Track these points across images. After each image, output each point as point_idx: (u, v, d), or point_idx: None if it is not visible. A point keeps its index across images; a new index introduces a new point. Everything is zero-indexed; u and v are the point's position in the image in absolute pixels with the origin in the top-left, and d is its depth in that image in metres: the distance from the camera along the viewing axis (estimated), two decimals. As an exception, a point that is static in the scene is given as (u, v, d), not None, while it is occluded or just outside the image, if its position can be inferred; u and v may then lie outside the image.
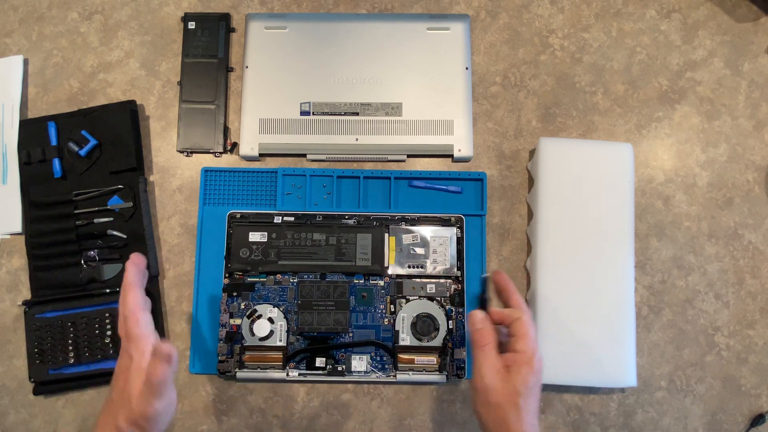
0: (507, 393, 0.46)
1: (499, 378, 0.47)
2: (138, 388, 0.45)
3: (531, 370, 0.47)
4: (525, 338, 0.48)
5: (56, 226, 0.66)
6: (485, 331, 0.49)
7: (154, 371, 0.45)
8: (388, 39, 0.70)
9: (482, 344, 0.48)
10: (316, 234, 0.66)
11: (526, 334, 0.48)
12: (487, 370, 0.47)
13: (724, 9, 0.72)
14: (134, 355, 0.46)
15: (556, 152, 0.65)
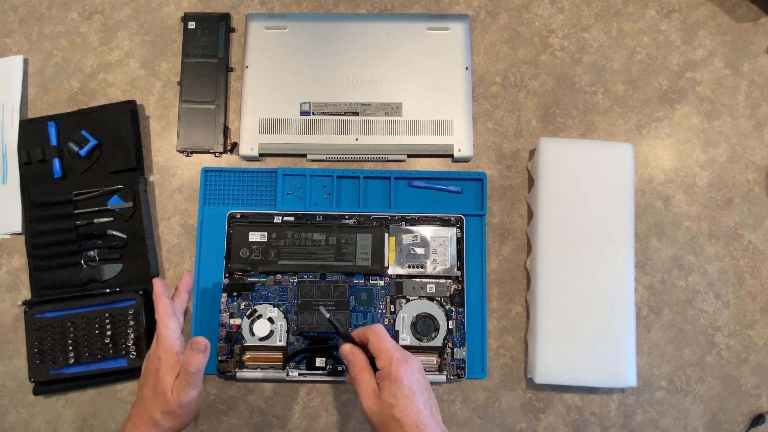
0: (382, 410, 0.47)
1: (375, 398, 0.48)
2: (170, 383, 0.51)
3: (394, 381, 0.48)
4: (381, 353, 0.49)
5: (56, 226, 0.66)
6: (355, 359, 0.51)
7: (190, 361, 0.50)
8: (388, 39, 0.70)
9: (356, 372, 0.50)
10: (316, 234, 0.66)
11: (380, 350, 0.50)
12: (363, 395, 0.49)
13: (724, 9, 0.72)
14: (163, 355, 0.52)
15: (556, 152, 0.65)
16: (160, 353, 0.52)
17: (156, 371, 0.52)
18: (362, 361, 0.51)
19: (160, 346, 0.52)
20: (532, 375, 0.62)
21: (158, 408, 0.51)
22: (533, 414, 0.65)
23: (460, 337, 0.64)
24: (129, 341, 0.63)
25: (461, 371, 0.63)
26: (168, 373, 0.51)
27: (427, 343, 0.63)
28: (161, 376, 0.51)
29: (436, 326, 0.63)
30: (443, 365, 0.63)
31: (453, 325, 0.64)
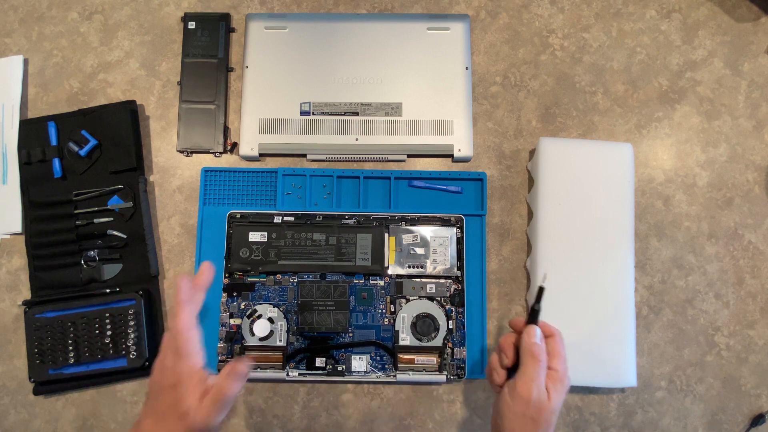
0: (548, 410, 0.48)
1: (545, 396, 0.48)
2: (194, 403, 0.46)
3: (564, 388, 0.49)
4: (559, 357, 0.50)
5: (56, 226, 0.66)
6: (542, 348, 0.50)
7: (228, 388, 0.46)
8: (388, 39, 0.70)
9: (540, 359, 0.49)
10: (316, 234, 0.66)
11: (560, 354, 0.51)
12: (536, 384, 0.48)
13: (724, 9, 0.72)
14: (185, 372, 0.46)
15: (556, 152, 0.65)
16: (181, 369, 0.46)
17: (175, 388, 0.46)
18: (545, 352, 0.50)
19: (182, 361, 0.47)
20: (532, 375, 0.62)
21: (182, 428, 0.46)
22: (533, 414, 0.65)
23: (460, 337, 0.64)
24: (129, 341, 0.63)
25: (461, 371, 0.63)
26: (192, 392, 0.46)
27: (427, 343, 0.63)
28: (183, 394, 0.46)
29: (436, 326, 0.63)
30: (443, 365, 0.63)
31: (453, 325, 0.64)
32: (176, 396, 0.46)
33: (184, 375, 0.46)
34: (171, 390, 0.46)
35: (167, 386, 0.47)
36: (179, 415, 0.46)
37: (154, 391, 0.48)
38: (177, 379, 0.46)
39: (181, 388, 0.46)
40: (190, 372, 0.47)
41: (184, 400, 0.46)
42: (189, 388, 0.46)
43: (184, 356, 0.47)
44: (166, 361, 0.48)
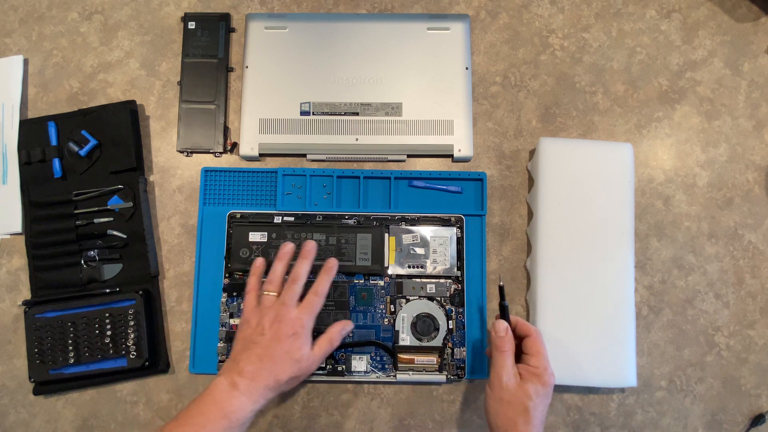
0: (519, 394, 0.53)
1: (515, 380, 0.54)
2: (309, 351, 0.55)
3: (540, 382, 0.53)
4: (537, 356, 0.55)
5: (56, 226, 0.66)
6: (507, 339, 0.56)
7: (336, 341, 0.58)
8: (388, 39, 0.70)
9: (503, 350, 0.55)
10: (316, 234, 0.66)
11: (538, 353, 0.55)
12: (505, 371, 0.54)
13: (724, 9, 0.72)
14: (306, 324, 0.56)
15: (556, 152, 0.65)
16: (305, 322, 0.55)
17: (295, 337, 0.54)
18: (512, 343, 0.56)
19: (307, 315, 0.56)
20: (532, 375, 0.62)
21: (289, 372, 0.54)
22: (533, 414, 0.65)
23: (460, 337, 0.64)
24: (129, 341, 0.63)
25: (461, 371, 0.63)
26: (307, 342, 0.55)
27: (427, 343, 0.63)
28: (302, 343, 0.55)
29: (436, 326, 0.63)
30: (443, 365, 0.63)
31: (453, 325, 0.64)
32: (295, 344, 0.54)
33: (306, 327, 0.55)
34: (290, 338, 0.54)
35: (286, 335, 0.54)
36: (294, 360, 0.54)
37: (270, 338, 0.54)
38: (298, 329, 0.55)
39: (301, 339, 0.55)
40: (310, 325, 0.56)
41: (302, 348, 0.55)
42: (306, 338, 0.55)
43: (311, 312, 0.56)
44: (290, 313, 0.55)
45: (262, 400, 0.53)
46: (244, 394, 0.52)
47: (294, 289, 0.57)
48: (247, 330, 0.56)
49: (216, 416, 0.51)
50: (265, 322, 0.55)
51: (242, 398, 0.52)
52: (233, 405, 0.51)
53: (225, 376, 0.53)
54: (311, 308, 0.57)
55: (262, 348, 0.54)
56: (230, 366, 0.54)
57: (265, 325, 0.55)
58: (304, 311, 0.56)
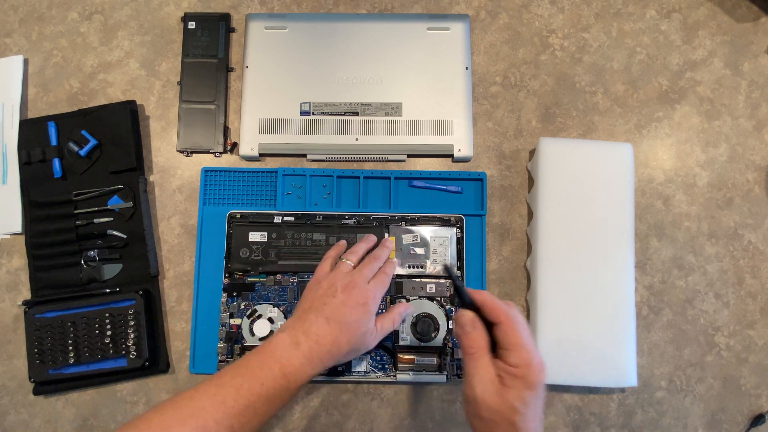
0: (502, 409, 0.41)
1: (493, 390, 0.42)
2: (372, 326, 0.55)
3: (526, 385, 0.41)
4: (516, 348, 0.42)
5: (56, 226, 0.66)
6: (475, 336, 0.44)
7: (398, 320, 0.58)
8: (388, 39, 0.70)
9: (471, 351, 0.43)
10: (316, 234, 0.66)
11: (516, 344, 0.42)
12: (477, 380, 0.42)
13: (724, 9, 0.72)
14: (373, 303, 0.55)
15: (556, 152, 0.65)
16: (371, 300, 0.54)
17: (363, 307, 0.53)
18: (483, 339, 0.44)
19: (379, 291, 0.56)
20: (532, 375, 0.62)
21: (353, 342, 0.53)
22: (533, 414, 0.65)
23: (460, 337, 0.64)
24: (129, 341, 0.63)
25: (461, 371, 0.63)
26: (373, 317, 0.55)
27: (427, 343, 0.63)
28: (369, 317, 0.54)
29: (436, 326, 0.63)
30: (443, 365, 0.63)
31: (453, 325, 0.64)
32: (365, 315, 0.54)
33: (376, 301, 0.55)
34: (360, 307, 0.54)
35: (357, 302, 0.54)
36: (361, 332, 0.53)
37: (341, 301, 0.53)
38: (369, 300, 0.54)
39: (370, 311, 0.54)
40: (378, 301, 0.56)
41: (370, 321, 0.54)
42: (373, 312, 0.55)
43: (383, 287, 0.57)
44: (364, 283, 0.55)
45: (320, 367, 0.50)
46: (305, 355, 0.49)
47: (373, 265, 0.57)
48: (318, 291, 0.54)
49: (275, 373, 0.48)
50: (339, 285, 0.54)
51: (303, 360, 0.49)
52: (293, 365, 0.49)
53: (288, 332, 0.51)
54: (383, 284, 0.57)
55: (331, 310, 0.52)
56: (295, 323, 0.52)
57: (338, 288, 0.54)
58: (377, 285, 0.56)
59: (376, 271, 0.58)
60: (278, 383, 0.48)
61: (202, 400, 0.46)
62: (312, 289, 0.55)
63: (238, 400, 0.46)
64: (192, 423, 0.44)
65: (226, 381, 0.47)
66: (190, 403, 0.46)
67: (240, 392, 0.46)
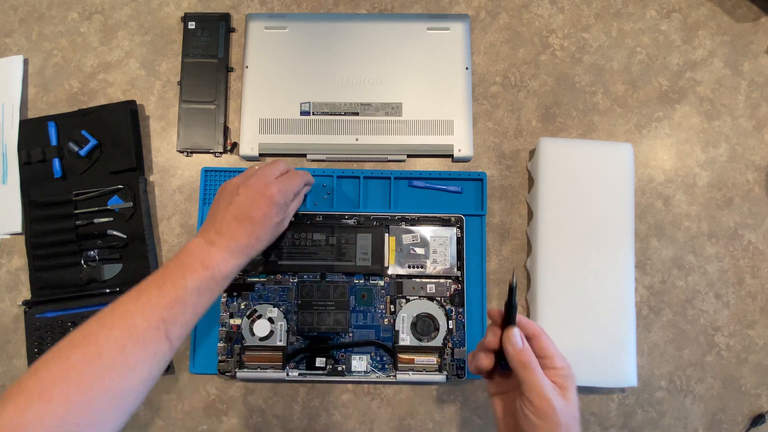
0: (571, 410, 0.43)
1: (561, 398, 0.43)
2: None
3: (574, 382, 0.45)
4: (557, 354, 0.46)
5: (56, 226, 0.66)
6: (528, 351, 0.45)
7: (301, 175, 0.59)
8: (388, 39, 0.70)
9: (532, 365, 0.44)
10: (316, 234, 0.66)
11: (556, 350, 0.46)
12: (548, 389, 0.43)
13: (724, 9, 0.72)
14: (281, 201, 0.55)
15: (556, 152, 0.65)
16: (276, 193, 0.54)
17: (268, 200, 0.54)
18: (534, 356, 0.45)
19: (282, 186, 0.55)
20: (532, 375, 0.62)
21: (267, 233, 0.55)
22: (533, 414, 0.65)
23: (460, 337, 0.64)
24: (129, 341, 0.63)
25: (461, 371, 0.63)
26: (281, 209, 0.56)
27: (427, 343, 0.63)
28: (277, 211, 0.55)
29: (436, 326, 0.63)
30: (443, 365, 0.63)
31: (453, 325, 0.64)
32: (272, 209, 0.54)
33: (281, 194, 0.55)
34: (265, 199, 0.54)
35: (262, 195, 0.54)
36: (270, 226, 0.55)
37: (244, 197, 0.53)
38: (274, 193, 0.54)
39: (275, 205, 0.54)
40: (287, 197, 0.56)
41: (277, 215, 0.55)
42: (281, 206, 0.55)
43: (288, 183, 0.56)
44: (267, 177, 0.55)
45: (245, 257, 0.52)
46: (224, 249, 0.51)
47: (278, 165, 0.57)
48: (222, 195, 0.55)
49: (197, 267, 0.49)
50: (239, 183, 0.54)
51: (223, 254, 0.51)
52: (214, 258, 0.50)
53: (200, 236, 0.52)
54: (291, 178, 0.57)
55: (237, 208, 0.53)
56: (205, 228, 0.53)
57: (239, 185, 0.54)
58: (282, 180, 0.56)
59: (283, 172, 0.58)
60: (201, 275, 0.49)
61: (125, 305, 0.46)
62: (218, 195, 0.56)
63: (163, 296, 0.46)
64: (120, 325, 0.44)
65: (147, 285, 0.47)
66: (113, 311, 0.45)
67: (164, 289, 0.47)
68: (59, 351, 0.43)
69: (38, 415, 0.39)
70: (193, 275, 0.48)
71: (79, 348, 0.43)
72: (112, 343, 0.43)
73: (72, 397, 0.40)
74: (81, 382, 0.41)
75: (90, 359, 0.42)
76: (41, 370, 0.41)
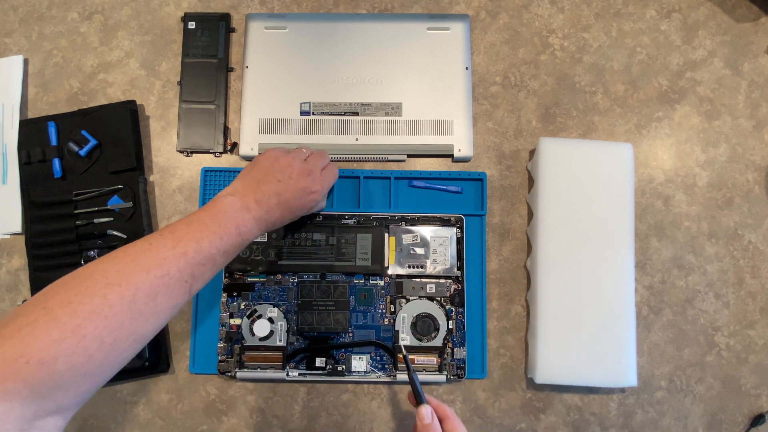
0: None
1: None
2: None
3: None
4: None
5: (56, 226, 0.66)
6: (436, 425, 0.51)
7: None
8: (388, 39, 0.70)
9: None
10: (316, 234, 0.66)
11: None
12: None
13: (724, 9, 0.72)
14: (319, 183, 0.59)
15: (556, 152, 0.65)
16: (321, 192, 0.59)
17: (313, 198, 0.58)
18: (439, 430, 0.51)
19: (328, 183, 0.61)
20: (532, 375, 0.62)
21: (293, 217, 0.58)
22: (533, 414, 0.65)
23: (460, 337, 0.64)
24: (129, 341, 0.63)
25: (461, 371, 0.63)
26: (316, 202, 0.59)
27: (427, 343, 0.63)
28: (314, 204, 0.59)
29: (436, 326, 0.63)
30: (443, 365, 0.63)
31: (453, 325, 0.64)
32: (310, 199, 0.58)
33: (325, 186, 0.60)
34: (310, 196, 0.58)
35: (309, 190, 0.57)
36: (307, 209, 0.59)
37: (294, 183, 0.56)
38: (318, 187, 0.58)
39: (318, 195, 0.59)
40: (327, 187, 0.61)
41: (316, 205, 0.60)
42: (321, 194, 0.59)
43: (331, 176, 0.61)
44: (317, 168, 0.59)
45: (266, 230, 0.56)
46: (255, 219, 0.53)
47: (325, 157, 0.61)
48: (275, 165, 0.56)
49: (231, 231, 0.50)
50: (296, 167, 0.57)
51: (253, 222, 0.53)
52: (246, 225, 0.52)
53: (239, 197, 0.53)
54: (333, 175, 0.61)
55: (284, 188, 0.55)
56: (246, 190, 0.54)
57: (295, 170, 0.56)
58: (327, 175, 0.60)
59: (327, 163, 0.61)
60: (234, 240, 0.51)
61: (162, 251, 0.46)
62: (269, 160, 0.57)
63: (199, 252, 0.47)
64: (156, 272, 0.44)
65: (183, 235, 0.47)
66: (149, 254, 0.45)
67: (201, 245, 0.47)
68: (94, 284, 0.42)
69: (70, 352, 0.38)
70: (229, 238, 0.50)
71: (116, 287, 0.42)
72: (147, 288, 0.43)
73: (104, 337, 0.40)
74: (115, 323, 0.41)
75: (127, 302, 0.42)
76: (76, 302, 0.40)
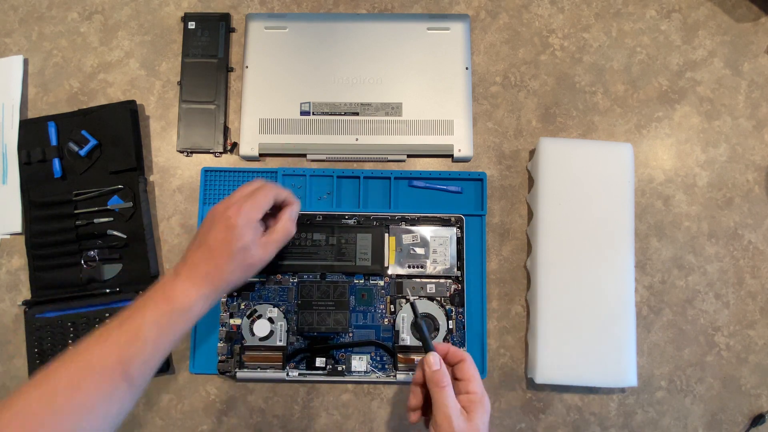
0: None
1: (463, 419, 0.48)
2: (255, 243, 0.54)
3: (484, 409, 0.49)
4: (474, 380, 0.50)
5: (56, 226, 0.66)
6: (443, 372, 0.50)
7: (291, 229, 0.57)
8: (388, 39, 0.70)
9: (443, 385, 0.49)
10: (316, 234, 0.66)
11: (474, 377, 0.50)
12: (452, 410, 0.48)
13: (724, 9, 0.72)
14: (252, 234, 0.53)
15: (556, 152, 0.65)
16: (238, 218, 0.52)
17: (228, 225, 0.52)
18: (449, 375, 0.50)
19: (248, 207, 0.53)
20: (532, 375, 0.62)
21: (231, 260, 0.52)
22: (533, 414, 0.65)
23: (460, 337, 0.64)
24: (129, 341, 0.63)
25: (461, 371, 0.63)
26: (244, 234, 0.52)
27: (427, 343, 0.63)
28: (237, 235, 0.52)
29: (436, 326, 0.63)
30: (443, 365, 0.63)
31: (453, 325, 0.64)
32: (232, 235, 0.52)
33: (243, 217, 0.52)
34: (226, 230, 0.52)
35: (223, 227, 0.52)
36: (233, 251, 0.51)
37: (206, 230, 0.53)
38: (233, 222, 0.52)
39: (236, 230, 0.52)
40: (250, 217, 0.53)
41: (240, 239, 0.52)
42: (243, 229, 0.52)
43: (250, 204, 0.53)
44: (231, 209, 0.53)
45: (210, 287, 0.51)
46: (186, 279, 0.50)
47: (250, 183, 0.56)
48: (203, 226, 0.55)
49: (158, 300, 0.49)
50: (215, 212, 0.54)
51: (185, 284, 0.50)
52: (175, 290, 0.50)
53: (172, 268, 0.53)
54: (253, 199, 0.53)
55: (200, 237, 0.53)
56: (179, 262, 0.54)
57: (215, 214, 0.53)
58: (244, 200, 0.53)
59: (251, 191, 0.55)
60: (162, 308, 0.48)
61: (87, 342, 0.46)
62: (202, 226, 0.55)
63: (122, 333, 0.46)
64: (77, 364, 0.44)
65: (111, 321, 0.48)
66: (75, 349, 0.45)
67: (123, 326, 0.47)
68: (20, 391, 0.43)
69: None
70: (154, 309, 0.48)
71: (37, 388, 0.43)
72: (66, 383, 0.43)
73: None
74: (34, 424, 0.41)
75: (45, 400, 0.42)
76: (2, 410, 0.42)
